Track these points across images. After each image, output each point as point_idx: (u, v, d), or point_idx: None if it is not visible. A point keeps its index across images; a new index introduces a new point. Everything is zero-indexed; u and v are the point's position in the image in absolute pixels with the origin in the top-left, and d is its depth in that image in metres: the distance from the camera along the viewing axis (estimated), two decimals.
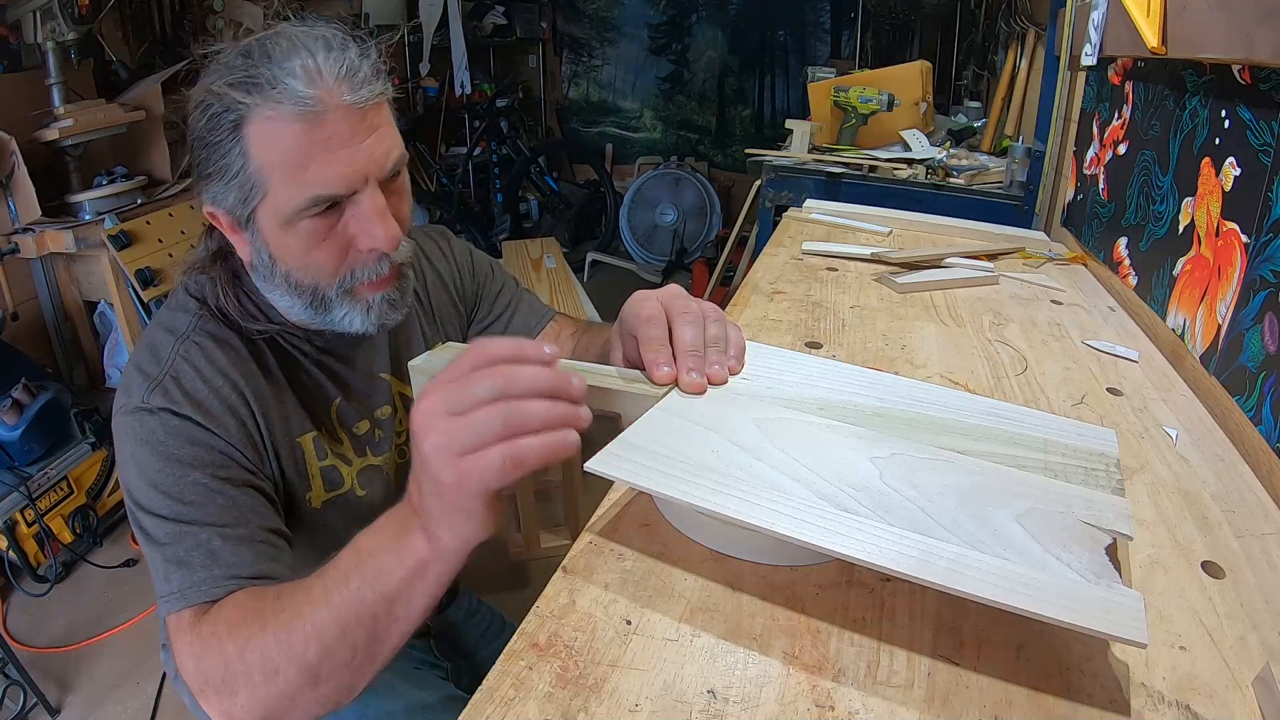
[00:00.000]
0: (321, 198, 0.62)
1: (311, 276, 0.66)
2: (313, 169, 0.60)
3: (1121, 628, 0.37)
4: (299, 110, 0.59)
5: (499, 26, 4.16)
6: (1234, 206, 0.78)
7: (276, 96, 0.58)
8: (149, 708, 1.51)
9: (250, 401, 0.68)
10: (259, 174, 0.61)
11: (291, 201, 0.62)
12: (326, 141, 0.60)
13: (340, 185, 0.62)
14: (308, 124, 0.59)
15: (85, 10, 2.02)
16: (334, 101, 0.60)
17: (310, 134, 0.60)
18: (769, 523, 0.43)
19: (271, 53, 0.60)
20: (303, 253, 0.65)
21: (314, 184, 0.61)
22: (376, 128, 0.63)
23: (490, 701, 0.40)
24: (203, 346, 0.67)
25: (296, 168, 0.60)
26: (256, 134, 0.60)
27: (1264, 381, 0.68)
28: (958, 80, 3.11)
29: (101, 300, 2.16)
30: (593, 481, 0.49)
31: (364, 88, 0.61)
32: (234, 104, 0.59)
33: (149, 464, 0.62)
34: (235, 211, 0.64)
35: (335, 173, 0.61)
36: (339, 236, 0.64)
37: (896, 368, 0.82)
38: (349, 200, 0.63)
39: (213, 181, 0.63)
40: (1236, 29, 0.73)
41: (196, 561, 0.60)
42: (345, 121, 0.61)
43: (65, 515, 1.84)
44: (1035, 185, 1.66)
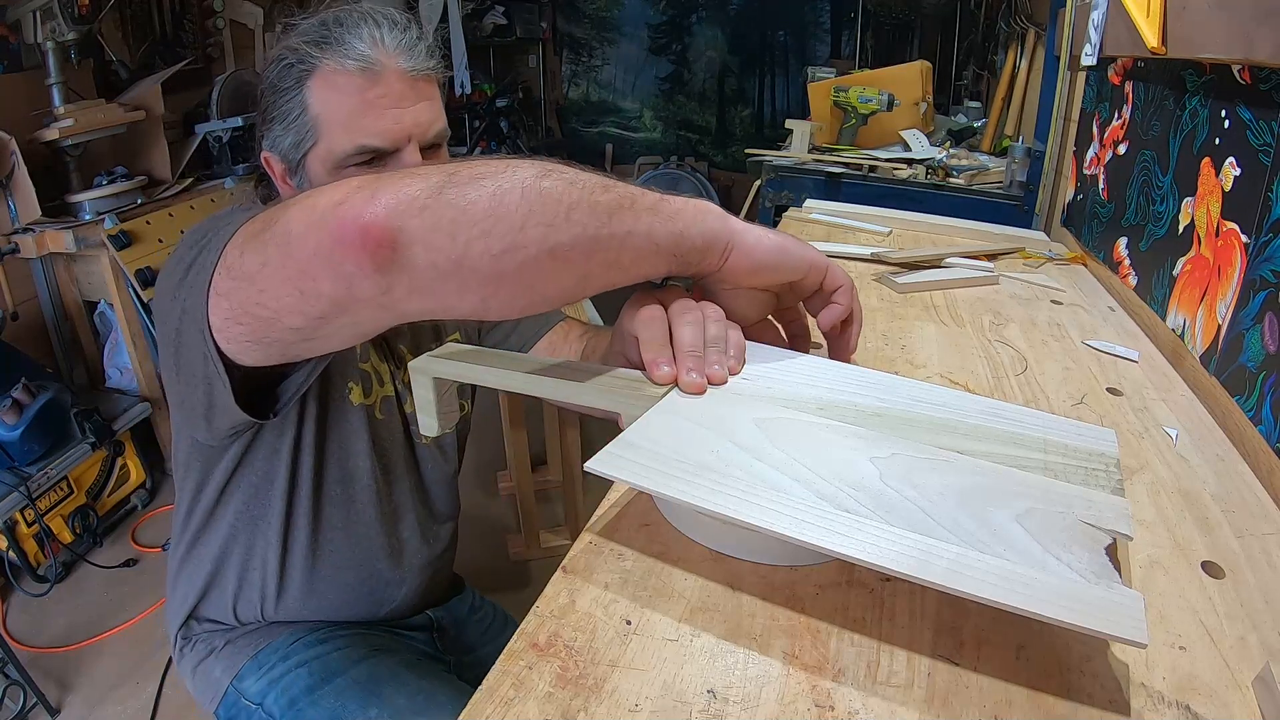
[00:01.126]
0: (368, 148, 0.68)
1: None
2: (365, 121, 0.67)
3: (1121, 628, 0.37)
4: (360, 66, 0.67)
5: (499, 26, 4.16)
6: (1234, 206, 0.78)
7: (343, 53, 0.67)
8: (149, 708, 1.51)
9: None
10: (315, 121, 0.68)
11: (341, 148, 0.68)
12: (380, 99, 0.67)
13: (386, 139, 0.68)
14: (366, 80, 0.67)
15: (85, 10, 2.02)
16: (392, 65, 0.68)
17: (367, 89, 0.67)
18: (769, 523, 0.43)
19: (344, 21, 0.68)
20: None
21: (364, 134, 0.68)
22: (425, 98, 0.71)
23: (490, 701, 0.40)
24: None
25: (350, 118, 0.67)
26: (320, 84, 0.68)
27: (1264, 381, 0.68)
28: (958, 80, 3.11)
29: (101, 300, 2.16)
30: (593, 481, 0.49)
31: (421, 59, 0.70)
32: (306, 56, 0.68)
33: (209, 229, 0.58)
34: (289, 156, 0.71)
35: (384, 127, 0.68)
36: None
37: (896, 368, 0.82)
38: (391, 158, 0.69)
39: (274, 125, 0.71)
40: (1236, 29, 0.73)
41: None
42: (399, 84, 0.68)
43: (65, 515, 1.84)
44: (1035, 185, 1.66)
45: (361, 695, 0.79)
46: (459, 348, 0.68)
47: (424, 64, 0.70)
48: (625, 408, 0.57)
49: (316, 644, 0.84)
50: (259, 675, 0.82)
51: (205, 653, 0.86)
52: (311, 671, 0.81)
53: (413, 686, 0.82)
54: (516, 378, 0.61)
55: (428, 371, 0.65)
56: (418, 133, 0.70)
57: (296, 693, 0.80)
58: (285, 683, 0.81)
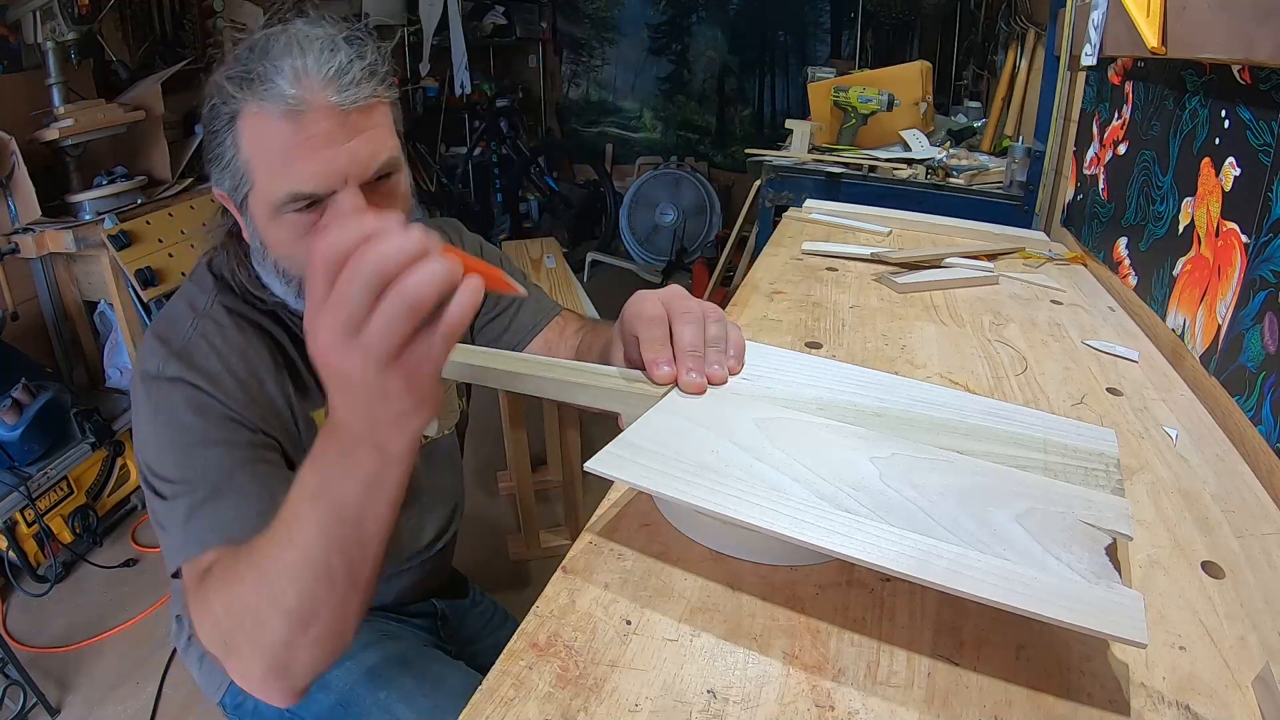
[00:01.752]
0: (299, 194, 0.62)
1: (297, 268, 0.68)
2: (294, 165, 0.62)
3: (1121, 628, 0.37)
4: (283, 109, 0.60)
5: (499, 26, 4.16)
6: (1234, 206, 0.78)
7: (263, 94, 0.60)
8: (149, 708, 1.51)
9: (264, 379, 0.70)
10: (247, 165, 0.64)
11: (274, 194, 0.63)
12: (308, 140, 0.61)
13: (318, 184, 0.62)
14: (291, 122, 0.61)
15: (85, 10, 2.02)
16: (318, 102, 0.61)
17: (293, 132, 0.61)
18: (769, 523, 0.43)
19: (270, 49, 0.62)
20: (288, 244, 0.66)
21: (294, 180, 0.62)
22: (364, 129, 0.63)
23: (490, 701, 0.40)
24: (219, 323, 0.70)
25: (279, 163, 0.62)
26: (246, 127, 0.62)
27: (1264, 381, 0.68)
28: (958, 80, 3.11)
29: (101, 300, 2.16)
30: (593, 481, 0.49)
31: (352, 89, 0.62)
32: (229, 97, 0.62)
33: (163, 433, 0.65)
34: (232, 196, 0.67)
35: (314, 170, 0.62)
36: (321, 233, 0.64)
37: (896, 368, 0.82)
38: (330, 200, 0.64)
39: (214, 166, 0.67)
40: (1236, 29, 0.73)
41: (196, 519, 0.62)
42: (328, 121, 0.61)
43: (65, 515, 1.84)
44: (1035, 185, 1.66)
45: (371, 679, 0.79)
46: (460, 347, 0.68)
47: (358, 94, 0.62)
48: (625, 408, 0.57)
49: None
50: None
51: None
52: None
53: (420, 670, 0.82)
54: (517, 377, 0.61)
55: None
56: (355, 172, 0.63)
57: None
58: None
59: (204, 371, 0.67)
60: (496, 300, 0.94)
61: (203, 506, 0.62)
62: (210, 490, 0.62)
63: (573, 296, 2.00)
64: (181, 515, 0.62)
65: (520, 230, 4.19)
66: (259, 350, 0.71)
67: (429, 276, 0.40)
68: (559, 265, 2.22)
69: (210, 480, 0.63)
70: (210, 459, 0.64)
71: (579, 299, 2.00)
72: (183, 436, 0.65)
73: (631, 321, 0.60)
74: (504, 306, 0.95)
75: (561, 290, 2.04)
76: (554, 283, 2.09)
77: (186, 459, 0.64)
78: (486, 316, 0.94)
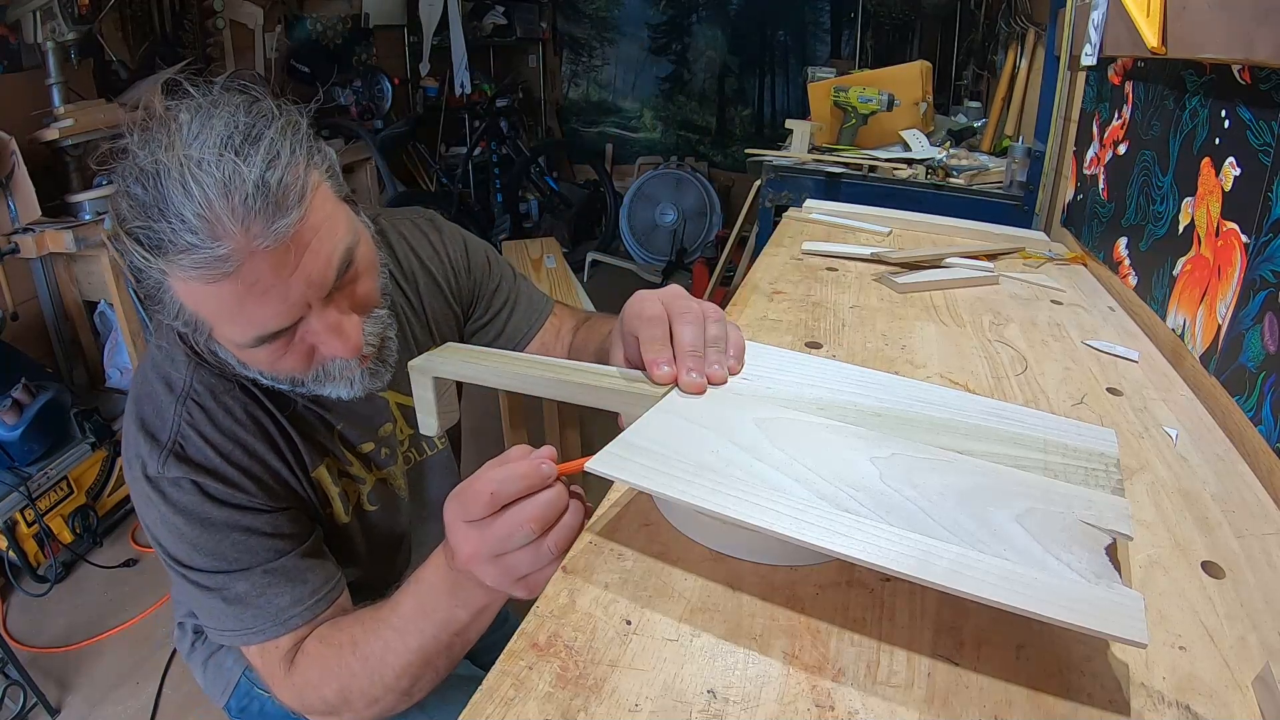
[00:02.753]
0: (266, 335, 0.59)
1: (285, 377, 0.66)
2: (247, 315, 0.57)
3: (1121, 628, 0.37)
4: (209, 274, 0.53)
5: (499, 26, 4.16)
6: (1234, 206, 0.78)
7: (182, 262, 0.53)
8: (149, 708, 1.51)
9: (261, 455, 0.69)
10: (198, 317, 0.59)
11: (239, 339, 0.60)
12: (254, 288, 0.55)
13: (280, 321, 0.58)
14: (226, 280, 0.54)
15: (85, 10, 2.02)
16: (248, 248, 0.53)
17: (233, 288, 0.54)
18: (769, 523, 0.43)
19: (166, 195, 0.52)
20: (269, 365, 0.64)
21: (254, 325, 0.58)
22: (307, 244, 0.57)
23: (490, 701, 0.40)
24: (204, 406, 0.67)
25: (230, 316, 0.57)
26: (181, 289, 0.56)
27: (1264, 381, 0.68)
28: (958, 80, 3.11)
29: (101, 300, 2.16)
30: (593, 481, 0.49)
31: (280, 218, 0.54)
32: (145, 264, 0.55)
33: (184, 529, 0.65)
34: (189, 332, 0.61)
35: (271, 312, 0.57)
36: (301, 345, 0.62)
37: (896, 368, 0.82)
38: (301, 324, 0.61)
39: (160, 312, 0.60)
40: (1236, 29, 0.73)
41: (258, 598, 0.66)
42: (266, 263, 0.54)
43: (65, 515, 1.84)
44: (1035, 185, 1.66)
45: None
46: (458, 347, 0.68)
47: (288, 220, 0.54)
48: (625, 408, 0.57)
49: None
50: None
51: (217, 645, 0.86)
52: None
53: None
54: (517, 377, 0.61)
55: (428, 371, 0.65)
56: (314, 293, 0.58)
57: None
58: None
59: (206, 469, 0.65)
60: (489, 302, 0.93)
61: (263, 589, 0.66)
62: (254, 571, 0.66)
63: (573, 296, 2.00)
64: (234, 602, 0.66)
65: (520, 230, 4.19)
66: (250, 430, 0.69)
67: (566, 531, 0.52)
68: (559, 265, 2.22)
69: (254, 559, 0.66)
70: (244, 545, 0.66)
71: (579, 299, 2.00)
72: (208, 528, 0.65)
73: (631, 321, 0.60)
74: (497, 308, 0.93)
75: (561, 290, 2.04)
76: (554, 283, 2.09)
77: (220, 548, 0.65)
78: (479, 321, 0.93)
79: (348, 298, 0.63)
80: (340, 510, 0.77)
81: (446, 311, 0.89)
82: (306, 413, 0.75)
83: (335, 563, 0.73)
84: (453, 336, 0.90)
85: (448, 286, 0.89)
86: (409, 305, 0.85)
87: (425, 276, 0.87)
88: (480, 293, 0.92)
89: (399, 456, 0.83)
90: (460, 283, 0.90)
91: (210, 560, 0.66)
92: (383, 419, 0.82)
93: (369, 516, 0.81)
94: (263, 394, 0.71)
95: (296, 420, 0.73)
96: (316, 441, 0.75)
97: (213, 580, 0.66)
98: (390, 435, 0.83)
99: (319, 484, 0.75)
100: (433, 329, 0.87)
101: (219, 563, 0.66)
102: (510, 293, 0.94)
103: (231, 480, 0.66)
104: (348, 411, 0.77)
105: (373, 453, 0.81)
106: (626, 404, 0.57)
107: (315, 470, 0.74)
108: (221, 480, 0.66)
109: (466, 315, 0.92)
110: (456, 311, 0.90)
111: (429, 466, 0.89)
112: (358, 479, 0.79)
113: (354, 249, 0.62)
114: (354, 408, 0.77)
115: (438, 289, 0.88)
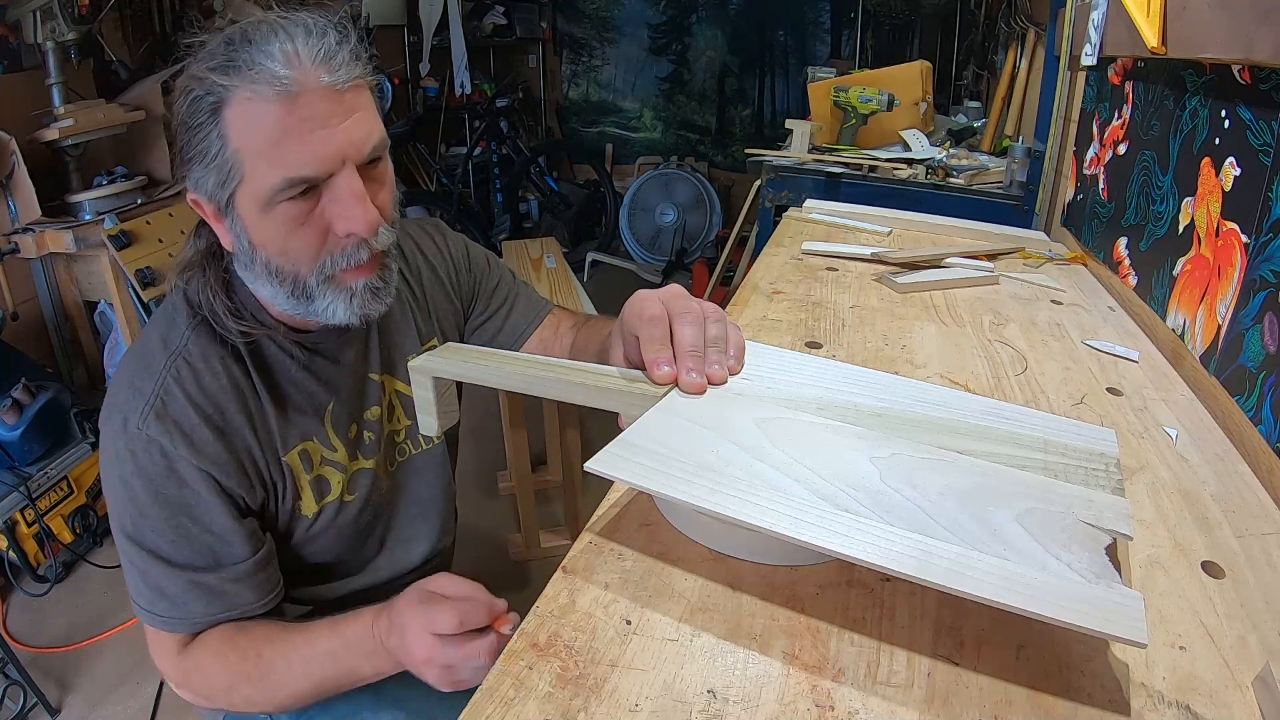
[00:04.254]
0: (297, 180, 0.61)
1: (291, 263, 0.65)
2: (289, 150, 0.60)
3: (1121, 628, 0.37)
4: (276, 90, 0.59)
5: (499, 26, 4.16)
6: (1234, 206, 0.78)
7: (254, 77, 0.58)
8: (149, 708, 1.51)
9: (242, 428, 0.70)
10: (236, 157, 0.61)
11: (268, 183, 0.61)
12: (303, 123, 0.60)
13: (316, 166, 0.61)
14: (285, 104, 0.59)
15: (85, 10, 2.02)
16: (311, 83, 0.60)
17: (287, 114, 0.59)
18: (769, 523, 0.43)
19: (252, 38, 0.60)
20: (281, 238, 0.64)
21: (290, 165, 0.60)
22: (354, 110, 0.63)
23: (490, 701, 0.40)
24: (193, 366, 0.68)
25: (273, 149, 0.60)
26: (235, 116, 0.60)
27: (1264, 381, 0.68)
28: (958, 80, 3.11)
29: (101, 300, 2.16)
30: (593, 481, 0.49)
31: (342, 70, 0.61)
32: (214, 87, 0.60)
33: (139, 496, 0.66)
34: (215, 196, 0.64)
35: (311, 154, 0.60)
36: (317, 221, 0.64)
37: (896, 368, 0.82)
38: (326, 185, 0.63)
39: (194, 165, 0.63)
40: (1236, 29, 0.73)
41: (177, 597, 0.68)
42: (322, 102, 0.60)
43: (65, 515, 1.84)
44: (1035, 185, 1.66)
45: (373, 697, 0.79)
46: (458, 347, 0.68)
47: (349, 74, 0.62)
48: (625, 408, 0.57)
49: None
50: None
51: None
52: None
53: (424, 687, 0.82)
54: (517, 376, 0.61)
55: (427, 371, 0.65)
56: (351, 152, 0.63)
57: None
58: None
59: (181, 429, 0.66)
60: (489, 300, 0.94)
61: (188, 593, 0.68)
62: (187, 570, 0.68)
63: (573, 296, 2.00)
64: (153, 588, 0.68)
65: (520, 230, 4.19)
66: (231, 397, 0.69)
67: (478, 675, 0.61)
68: (559, 265, 2.22)
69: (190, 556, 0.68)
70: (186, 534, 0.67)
71: (579, 299, 2.00)
72: (159, 502, 0.66)
73: (632, 321, 0.60)
74: (496, 306, 0.94)
75: (561, 290, 2.04)
76: (554, 283, 2.09)
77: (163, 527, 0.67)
78: (480, 318, 0.94)
79: (371, 190, 0.65)
80: (310, 500, 0.76)
81: (448, 306, 0.90)
82: (298, 387, 0.74)
83: (275, 580, 0.73)
84: (454, 331, 0.91)
85: (449, 281, 0.91)
86: (413, 297, 0.86)
87: (429, 271, 0.89)
88: (480, 290, 0.94)
89: (380, 446, 0.83)
90: (461, 279, 0.92)
91: (151, 535, 0.66)
92: (371, 402, 0.81)
93: (346, 508, 0.80)
94: (254, 365, 0.71)
95: (287, 394, 0.73)
96: (303, 420, 0.75)
97: (143, 559, 0.67)
98: (375, 422, 0.82)
99: (290, 470, 0.74)
100: (436, 321, 0.88)
101: (158, 541, 0.66)
102: (510, 291, 0.96)
103: (202, 447, 0.66)
104: (338, 389, 0.78)
105: (356, 438, 0.80)
106: (626, 404, 0.57)
107: (288, 454, 0.74)
108: (192, 447, 0.66)
109: (468, 312, 0.93)
110: (458, 306, 0.92)
111: (421, 461, 0.89)
112: (337, 466, 0.78)
113: (383, 151, 0.67)
114: (345, 386, 0.78)
115: (440, 284, 0.90)
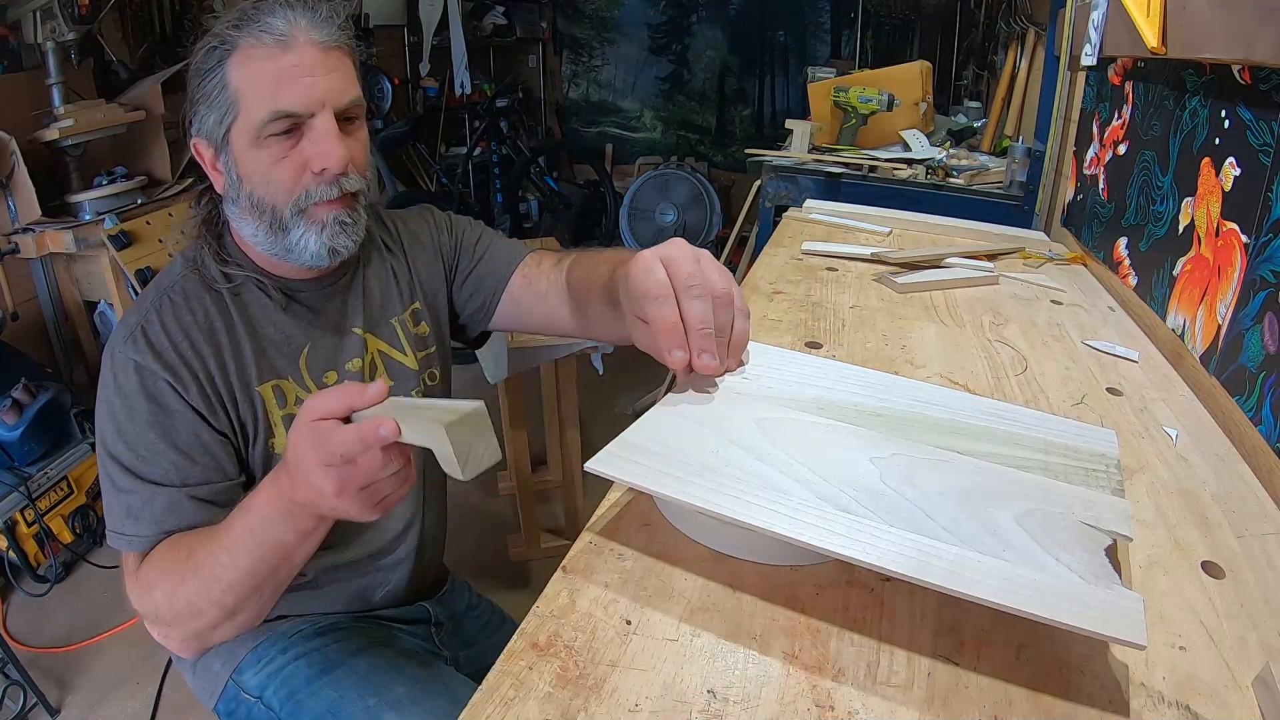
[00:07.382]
0: (281, 113, 0.72)
1: (271, 195, 0.75)
2: (280, 88, 0.72)
3: (1121, 629, 0.37)
4: (274, 39, 0.72)
5: (499, 26, 4.16)
6: (1234, 206, 0.78)
7: (259, 28, 0.72)
8: (149, 708, 1.51)
9: (209, 357, 0.76)
10: (235, 95, 0.73)
11: (259, 116, 0.72)
12: (293, 68, 0.73)
13: (300, 104, 0.73)
14: (280, 50, 0.72)
15: (85, 10, 2.02)
16: (303, 37, 0.73)
17: (281, 60, 0.72)
18: (769, 523, 0.43)
19: (260, 5, 0.74)
20: (264, 169, 0.74)
21: (278, 100, 0.72)
22: (338, 68, 0.76)
23: (490, 701, 0.40)
24: (174, 302, 0.78)
25: (267, 88, 0.72)
26: (239, 61, 0.73)
27: (1264, 381, 0.68)
28: (958, 80, 3.11)
29: (101, 300, 2.16)
30: (593, 481, 0.49)
31: (328, 28, 0.75)
32: (226, 37, 0.73)
33: (118, 414, 0.74)
34: (213, 135, 0.75)
35: (298, 93, 0.73)
36: (296, 157, 0.74)
37: (896, 368, 0.82)
38: (306, 126, 0.74)
39: (199, 106, 0.75)
40: (1236, 29, 0.73)
41: (144, 516, 0.73)
42: (311, 54, 0.74)
43: (65, 515, 1.84)
44: (1035, 185, 1.66)
45: (360, 686, 0.79)
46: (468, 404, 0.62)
47: (335, 36, 0.76)
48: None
49: (315, 636, 0.84)
50: (258, 668, 0.82)
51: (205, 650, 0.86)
52: (311, 663, 0.81)
53: (410, 677, 0.82)
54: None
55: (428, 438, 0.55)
56: (331, 99, 0.74)
57: (296, 684, 0.80)
58: (285, 675, 0.81)
59: (156, 350, 0.74)
60: (472, 250, 0.98)
61: (148, 506, 0.72)
62: (154, 486, 0.73)
63: None
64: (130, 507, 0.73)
65: (520, 230, 4.19)
66: (203, 333, 0.77)
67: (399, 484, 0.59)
68: None
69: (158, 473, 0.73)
70: (156, 450, 0.73)
71: None
72: (132, 417, 0.73)
73: (638, 303, 0.60)
74: (480, 254, 0.97)
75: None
76: None
77: (136, 442, 0.73)
78: (465, 270, 0.97)
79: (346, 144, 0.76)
80: (283, 437, 0.80)
81: (435, 268, 0.96)
82: (275, 328, 0.81)
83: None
84: (443, 295, 0.96)
85: (433, 243, 0.97)
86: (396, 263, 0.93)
87: (411, 239, 0.95)
88: (463, 244, 0.99)
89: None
90: (444, 239, 0.98)
91: (125, 451, 0.73)
92: (351, 354, 0.86)
93: None
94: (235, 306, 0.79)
95: (264, 333, 0.80)
96: (278, 359, 0.82)
97: (117, 473, 0.73)
98: (355, 374, 0.86)
99: (262, 401, 0.80)
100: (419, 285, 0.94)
101: (130, 457, 0.73)
102: (490, 240, 1.00)
103: (174, 369, 0.74)
104: (317, 337, 0.84)
105: (333, 386, 0.82)
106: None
107: (261, 385, 0.80)
108: (167, 368, 0.74)
109: (454, 266, 0.98)
110: (444, 264, 0.97)
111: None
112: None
113: (360, 113, 0.80)
114: (324, 335, 0.85)
115: (423, 248, 0.96)
